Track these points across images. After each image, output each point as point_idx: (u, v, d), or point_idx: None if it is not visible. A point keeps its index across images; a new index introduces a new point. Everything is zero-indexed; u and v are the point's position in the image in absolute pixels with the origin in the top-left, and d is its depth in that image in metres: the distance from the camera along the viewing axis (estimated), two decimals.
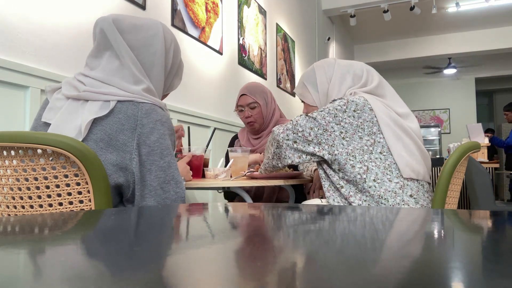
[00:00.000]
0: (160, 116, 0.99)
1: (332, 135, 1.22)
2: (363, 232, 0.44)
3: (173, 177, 1.00)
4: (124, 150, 0.94)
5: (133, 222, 0.54)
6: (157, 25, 1.07)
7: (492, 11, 6.72)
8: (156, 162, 0.97)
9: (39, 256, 0.34)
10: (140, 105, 0.96)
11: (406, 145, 1.25)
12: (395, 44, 8.36)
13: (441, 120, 10.07)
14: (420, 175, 1.24)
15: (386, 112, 1.28)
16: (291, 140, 1.23)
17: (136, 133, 0.94)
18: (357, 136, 1.23)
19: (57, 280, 0.25)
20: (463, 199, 3.82)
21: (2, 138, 0.88)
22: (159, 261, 0.31)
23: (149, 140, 0.96)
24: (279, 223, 0.53)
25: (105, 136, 0.94)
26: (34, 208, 0.91)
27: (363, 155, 1.21)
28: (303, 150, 1.23)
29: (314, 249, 0.35)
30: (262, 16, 3.99)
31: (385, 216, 0.56)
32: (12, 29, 1.56)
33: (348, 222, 0.51)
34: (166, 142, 0.99)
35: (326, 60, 1.48)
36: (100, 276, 0.26)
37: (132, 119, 0.95)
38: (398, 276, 0.25)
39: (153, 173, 0.96)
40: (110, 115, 0.94)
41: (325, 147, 1.22)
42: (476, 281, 0.24)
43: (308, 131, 1.22)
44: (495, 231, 0.48)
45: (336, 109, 1.25)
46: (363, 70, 1.41)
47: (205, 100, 2.94)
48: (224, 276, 0.27)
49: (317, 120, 1.23)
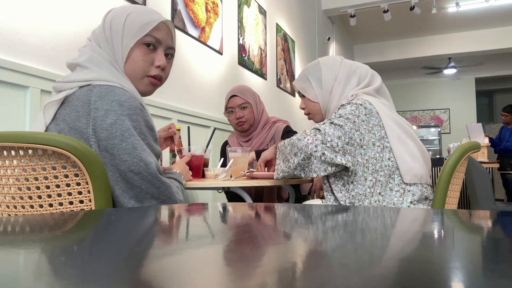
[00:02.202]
0: (117, 97, 0.92)
1: (354, 143, 1.19)
2: (363, 232, 0.44)
3: (140, 158, 0.92)
4: (82, 137, 0.91)
5: (133, 222, 0.54)
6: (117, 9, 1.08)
7: (492, 11, 6.72)
8: (117, 145, 0.91)
9: (39, 256, 0.34)
10: (94, 88, 0.93)
11: (409, 148, 1.24)
12: (395, 44, 8.36)
13: (441, 120, 10.08)
14: (422, 178, 1.23)
15: (389, 114, 1.26)
16: (319, 151, 1.16)
17: (90, 118, 0.91)
18: (371, 143, 1.21)
19: (57, 280, 0.25)
20: (463, 199, 3.82)
21: (2, 138, 0.88)
22: (159, 261, 0.31)
23: (105, 123, 0.90)
24: (278, 223, 0.53)
25: (65, 126, 0.93)
26: (34, 208, 0.91)
27: (375, 164, 1.19)
28: (330, 162, 1.16)
29: (314, 249, 0.35)
30: (262, 16, 3.99)
31: (385, 216, 0.56)
32: (12, 29, 1.56)
33: (348, 223, 0.51)
34: (125, 123, 0.91)
35: (332, 57, 1.45)
36: (100, 276, 0.26)
37: (86, 103, 0.92)
38: (398, 276, 0.25)
39: (117, 157, 0.91)
40: (68, 104, 0.94)
41: (349, 158, 1.17)
42: (476, 281, 0.24)
43: (336, 141, 1.16)
44: (495, 231, 0.48)
45: (351, 114, 1.20)
46: (368, 72, 1.39)
47: (205, 100, 2.94)
48: (222, 276, 0.27)
49: (343, 127, 1.17)
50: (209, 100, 3.00)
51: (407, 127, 1.28)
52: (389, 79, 10.46)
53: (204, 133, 2.86)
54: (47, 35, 1.71)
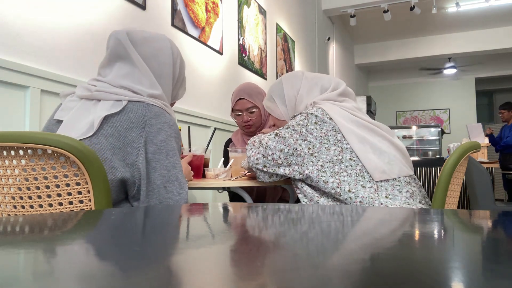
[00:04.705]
0: (168, 119, 1.04)
1: (301, 153, 1.21)
2: (363, 232, 0.44)
3: (177, 177, 1.02)
4: (132, 146, 0.98)
5: (133, 222, 0.54)
6: (164, 38, 1.14)
7: (492, 11, 6.72)
8: (161, 161, 1.00)
9: (39, 256, 0.34)
10: (150, 106, 1.02)
11: (373, 145, 1.23)
12: (395, 44, 8.36)
13: (441, 120, 10.07)
14: (393, 173, 1.21)
15: (345, 115, 1.26)
16: (260, 164, 1.22)
17: (144, 131, 0.99)
18: (324, 149, 1.21)
19: (57, 280, 0.25)
20: (463, 199, 3.82)
21: (2, 138, 0.88)
22: (159, 261, 0.30)
23: (156, 139, 0.99)
24: (277, 223, 0.53)
25: (114, 132, 0.97)
26: (34, 208, 0.91)
27: (333, 167, 1.19)
28: (273, 173, 1.23)
29: (313, 249, 0.35)
30: (262, 16, 3.99)
31: (385, 216, 0.56)
32: (12, 29, 1.56)
33: (346, 222, 0.51)
34: (172, 144, 1.02)
35: (293, 73, 1.46)
36: (99, 276, 0.26)
37: (142, 118, 0.99)
38: (398, 276, 0.25)
39: (158, 171, 0.99)
40: (120, 113, 0.99)
41: (295, 168, 1.21)
42: (476, 281, 0.24)
43: (278, 154, 1.20)
44: (495, 231, 0.48)
45: (299, 124, 1.24)
46: (330, 81, 1.39)
47: (205, 100, 2.94)
48: (223, 276, 0.27)
49: (286, 139, 1.21)
50: (209, 100, 3.00)
51: (370, 125, 1.27)
52: (389, 79, 10.46)
53: (204, 133, 2.86)
54: (47, 35, 1.71)
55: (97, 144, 0.95)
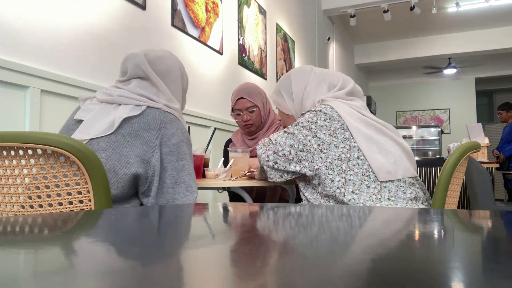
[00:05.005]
0: (181, 127, 1.12)
1: (311, 149, 1.21)
2: (362, 232, 0.44)
3: (184, 180, 1.07)
4: (148, 145, 1.04)
5: (133, 222, 0.54)
6: (171, 54, 1.23)
7: (492, 11, 6.72)
8: (172, 162, 1.06)
9: (39, 256, 0.34)
10: (166, 113, 1.10)
11: (380, 145, 1.23)
12: (395, 44, 8.36)
13: (441, 120, 10.07)
14: (398, 174, 1.21)
15: (353, 113, 1.26)
16: (271, 161, 1.21)
17: (160, 133, 1.06)
18: (333, 146, 1.21)
19: (56, 280, 0.25)
20: (463, 199, 3.82)
21: (2, 138, 0.88)
22: (159, 261, 0.30)
23: (170, 142, 1.07)
24: (278, 223, 0.53)
25: (132, 132, 1.04)
26: (34, 208, 0.91)
27: (341, 165, 1.19)
28: (284, 170, 1.22)
29: (313, 249, 0.35)
30: (262, 16, 3.99)
31: (385, 217, 0.56)
32: (12, 29, 1.56)
33: (346, 222, 0.51)
34: (183, 148, 1.09)
35: (302, 67, 1.46)
36: (99, 276, 0.26)
37: (159, 121, 1.07)
38: (398, 276, 0.25)
39: (168, 171, 1.05)
40: (139, 116, 1.07)
41: (306, 164, 1.21)
42: (476, 281, 0.24)
43: (288, 150, 1.20)
44: (495, 231, 0.48)
45: (308, 121, 1.24)
46: (339, 78, 1.39)
47: (205, 100, 2.94)
48: (223, 276, 0.27)
49: (296, 135, 1.22)
50: (209, 100, 3.00)
51: (377, 125, 1.27)
52: (389, 79, 10.46)
53: (204, 133, 2.86)
54: (47, 35, 1.71)
55: (115, 141, 1.02)
